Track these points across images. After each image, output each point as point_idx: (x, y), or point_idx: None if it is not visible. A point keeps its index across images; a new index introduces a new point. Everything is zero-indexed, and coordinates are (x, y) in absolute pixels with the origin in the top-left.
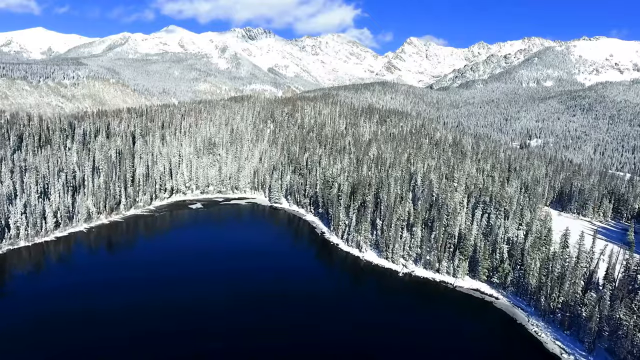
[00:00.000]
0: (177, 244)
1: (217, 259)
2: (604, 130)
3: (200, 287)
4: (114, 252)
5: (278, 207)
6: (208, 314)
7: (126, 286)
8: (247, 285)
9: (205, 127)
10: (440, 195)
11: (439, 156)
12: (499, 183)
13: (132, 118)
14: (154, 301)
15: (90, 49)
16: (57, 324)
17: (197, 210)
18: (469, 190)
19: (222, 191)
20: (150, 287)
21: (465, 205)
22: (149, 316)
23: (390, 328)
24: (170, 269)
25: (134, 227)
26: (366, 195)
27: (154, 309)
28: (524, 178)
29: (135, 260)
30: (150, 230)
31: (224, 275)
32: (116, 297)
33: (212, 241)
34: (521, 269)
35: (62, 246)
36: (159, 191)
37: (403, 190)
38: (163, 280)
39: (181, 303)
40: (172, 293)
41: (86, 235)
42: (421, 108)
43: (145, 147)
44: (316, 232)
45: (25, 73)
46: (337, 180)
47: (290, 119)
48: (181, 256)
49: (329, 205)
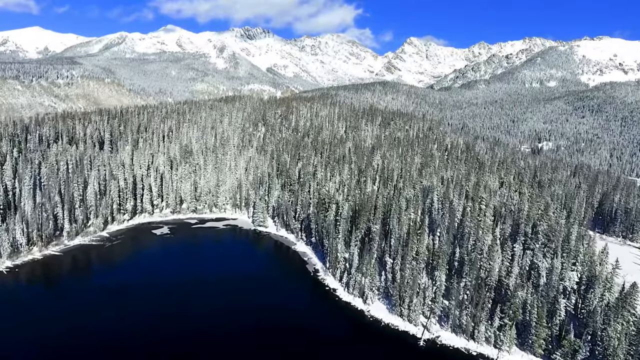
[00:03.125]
0: (122, 290)
1: (170, 316)
2: (617, 132)
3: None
4: (30, 306)
5: (263, 232)
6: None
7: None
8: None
9: (187, 131)
10: (465, 223)
11: (452, 165)
12: (537, 205)
13: (103, 120)
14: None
15: (86, 49)
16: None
17: (162, 236)
18: (498, 213)
19: (197, 209)
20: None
21: (498, 236)
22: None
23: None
24: (107, 333)
25: (72, 264)
26: (371, 221)
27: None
28: (558, 195)
29: (56, 317)
30: (92, 268)
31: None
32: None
33: (167, 288)
34: (595, 342)
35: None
36: (117, 212)
37: (417, 215)
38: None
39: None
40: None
41: (4, 277)
42: (424, 109)
43: (111, 156)
44: (307, 269)
45: (18, 72)
46: (334, 200)
47: (284, 122)
48: (125, 310)
49: (324, 234)
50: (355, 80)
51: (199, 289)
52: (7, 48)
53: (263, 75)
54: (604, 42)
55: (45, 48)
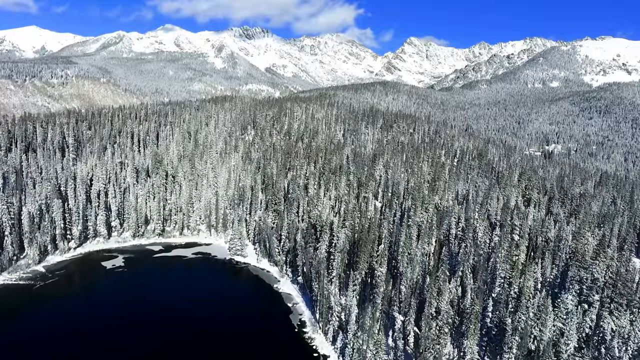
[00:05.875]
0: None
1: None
2: (628, 135)
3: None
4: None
5: (240, 263)
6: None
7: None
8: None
9: (166, 136)
10: (497, 263)
11: (465, 175)
12: (581, 233)
13: (70, 123)
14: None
15: (83, 48)
16: None
17: (113, 271)
18: (534, 246)
19: (165, 232)
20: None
21: (539, 279)
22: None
23: None
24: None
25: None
26: (374, 257)
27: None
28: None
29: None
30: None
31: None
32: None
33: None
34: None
35: None
36: (61, 239)
37: (432, 245)
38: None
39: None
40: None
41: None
42: (426, 109)
43: (67, 166)
44: (291, 321)
45: (11, 72)
46: (327, 226)
47: (276, 125)
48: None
49: (314, 275)
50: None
51: (132, 353)
52: (4, 48)
53: (262, 75)
54: (607, 42)
55: (42, 47)
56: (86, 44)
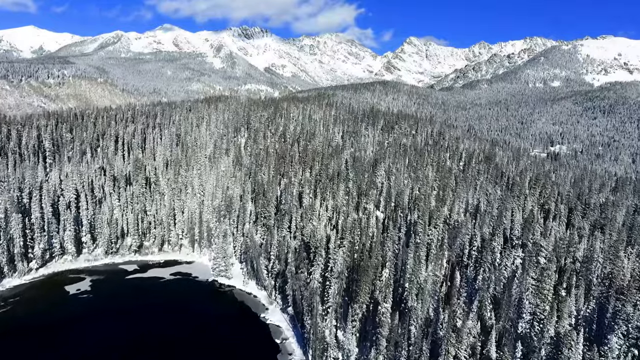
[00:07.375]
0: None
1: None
2: (634, 135)
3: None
4: None
5: (224, 285)
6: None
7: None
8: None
9: (152, 139)
10: (524, 294)
11: (473, 182)
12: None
13: (49, 126)
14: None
15: (81, 48)
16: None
17: (76, 297)
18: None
19: (142, 248)
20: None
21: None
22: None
23: None
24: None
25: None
26: (376, 286)
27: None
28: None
29: None
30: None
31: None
32: None
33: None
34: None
35: None
36: (20, 259)
37: (443, 268)
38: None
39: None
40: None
41: None
42: (426, 109)
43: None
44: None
45: (7, 72)
46: (321, 248)
47: (270, 126)
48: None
49: (306, 308)
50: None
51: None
52: (1, 48)
53: (261, 75)
54: (608, 41)
55: (40, 47)
56: (84, 43)
